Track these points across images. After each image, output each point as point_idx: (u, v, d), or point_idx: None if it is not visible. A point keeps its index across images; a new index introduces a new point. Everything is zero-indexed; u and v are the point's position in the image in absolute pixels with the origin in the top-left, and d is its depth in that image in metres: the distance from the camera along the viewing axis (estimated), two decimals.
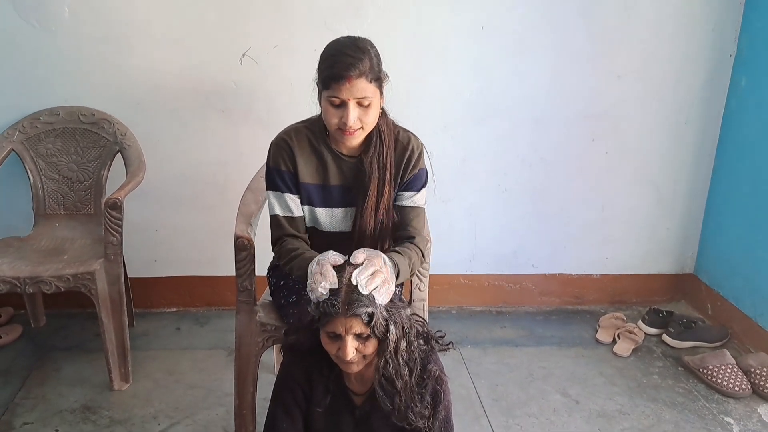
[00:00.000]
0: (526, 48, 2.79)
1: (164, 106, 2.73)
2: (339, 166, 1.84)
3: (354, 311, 1.42)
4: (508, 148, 2.93)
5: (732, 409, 2.46)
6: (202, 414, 2.35)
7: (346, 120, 1.67)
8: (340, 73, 1.62)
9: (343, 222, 1.88)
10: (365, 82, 1.65)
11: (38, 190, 2.67)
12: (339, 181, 1.84)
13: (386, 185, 1.81)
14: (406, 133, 1.87)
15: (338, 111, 1.68)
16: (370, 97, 1.67)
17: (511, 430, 2.32)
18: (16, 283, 2.28)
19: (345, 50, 1.65)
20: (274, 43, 2.67)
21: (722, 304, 2.98)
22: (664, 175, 3.05)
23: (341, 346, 1.46)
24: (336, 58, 1.65)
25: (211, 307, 3.07)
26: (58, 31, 2.60)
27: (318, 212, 1.87)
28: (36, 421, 2.28)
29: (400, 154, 1.83)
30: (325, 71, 1.66)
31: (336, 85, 1.64)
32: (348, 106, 1.66)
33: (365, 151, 1.80)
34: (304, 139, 1.83)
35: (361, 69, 1.63)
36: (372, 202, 1.81)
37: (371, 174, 1.79)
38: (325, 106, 1.71)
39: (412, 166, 1.84)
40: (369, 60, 1.65)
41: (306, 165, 1.83)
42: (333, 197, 1.86)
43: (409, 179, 1.85)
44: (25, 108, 2.65)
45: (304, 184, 1.83)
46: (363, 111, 1.69)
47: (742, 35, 2.84)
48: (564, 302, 3.21)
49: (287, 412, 1.60)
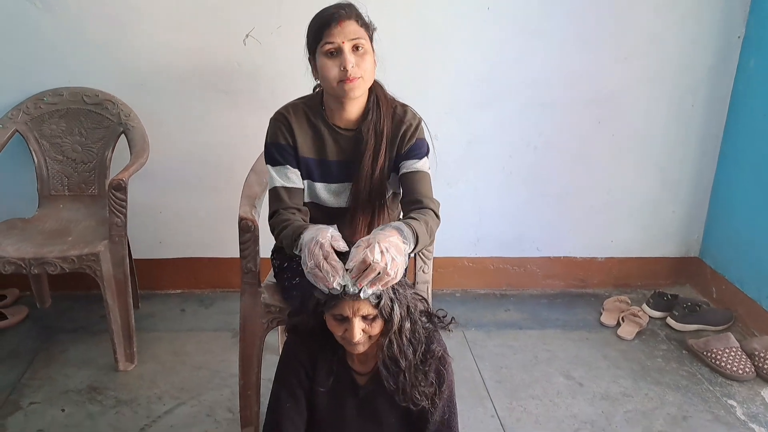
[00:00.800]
0: (532, 30, 2.77)
1: (168, 86, 2.72)
2: (336, 141, 1.85)
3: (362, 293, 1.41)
4: (513, 131, 2.92)
5: (735, 392, 2.46)
6: (207, 395, 2.36)
7: (345, 64, 1.69)
8: (330, 19, 1.70)
9: (342, 197, 1.88)
10: (356, 25, 1.71)
11: (42, 172, 2.67)
12: (337, 156, 1.85)
13: (381, 152, 1.81)
14: (404, 107, 1.88)
15: (336, 60, 1.71)
16: (362, 41, 1.72)
17: (514, 412, 2.33)
18: (21, 264, 2.29)
19: (329, 7, 1.74)
20: (277, 24, 2.65)
21: (727, 287, 2.97)
22: (670, 159, 3.03)
23: (348, 327, 1.46)
24: (322, 12, 1.73)
25: (216, 288, 3.08)
26: (62, 12, 2.59)
27: (317, 187, 1.87)
28: (43, 401, 2.30)
29: (397, 125, 1.83)
30: (315, 25, 1.74)
31: (328, 31, 1.70)
32: (344, 51, 1.69)
33: (363, 120, 1.82)
34: (301, 114, 1.85)
35: (348, 12, 1.71)
36: (367, 169, 1.81)
37: (367, 141, 1.80)
38: (322, 62, 1.73)
39: (409, 136, 1.84)
40: (354, 8, 1.74)
41: (304, 139, 1.84)
42: (331, 172, 1.86)
43: (409, 148, 1.84)
44: (29, 89, 2.65)
45: (303, 157, 1.84)
46: (359, 58, 1.71)
47: (750, 17, 2.81)
48: (568, 285, 3.21)
49: (291, 393, 1.61)
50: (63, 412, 2.25)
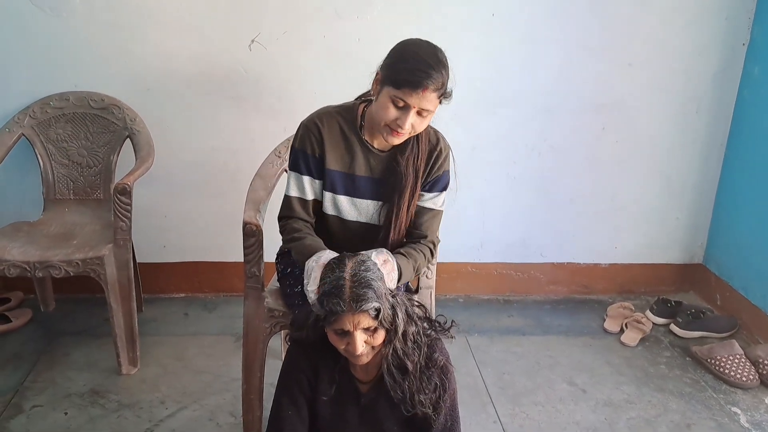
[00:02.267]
0: (537, 36, 2.77)
1: (174, 92, 2.73)
2: (367, 158, 1.83)
3: (361, 307, 1.42)
4: (517, 137, 2.92)
5: (739, 400, 2.45)
6: (210, 399, 2.36)
7: (403, 124, 1.66)
8: (419, 82, 1.60)
9: (367, 214, 1.87)
10: (435, 96, 1.64)
11: (48, 175, 2.68)
12: (365, 173, 1.84)
13: (417, 187, 1.83)
14: (436, 134, 1.87)
15: (398, 112, 1.66)
16: (431, 110, 1.67)
17: (517, 419, 2.32)
18: (26, 268, 2.30)
19: (428, 59, 1.63)
20: (283, 30, 2.66)
21: (731, 294, 2.97)
22: (675, 165, 3.03)
23: (350, 341, 1.46)
24: (418, 64, 1.62)
25: (219, 293, 3.08)
26: (69, 17, 2.60)
27: (340, 200, 1.85)
28: (45, 404, 2.30)
29: (429, 152, 1.83)
30: (402, 74, 1.62)
31: (409, 91, 1.61)
32: (410, 111, 1.64)
33: (401, 151, 1.80)
34: (335, 124, 1.82)
35: (437, 84, 1.62)
36: (406, 204, 1.81)
37: (407, 177, 1.79)
38: (384, 102, 1.67)
39: (438, 167, 1.84)
40: (444, 75, 1.64)
41: (333, 151, 1.81)
42: (357, 187, 1.85)
43: (433, 179, 1.85)
44: (35, 93, 2.66)
45: (329, 170, 1.82)
46: (419, 120, 1.68)
47: (755, 24, 2.82)
48: (572, 291, 3.21)
49: (293, 401, 1.61)
50: (65, 416, 2.25)
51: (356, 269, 1.46)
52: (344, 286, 1.43)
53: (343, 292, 1.42)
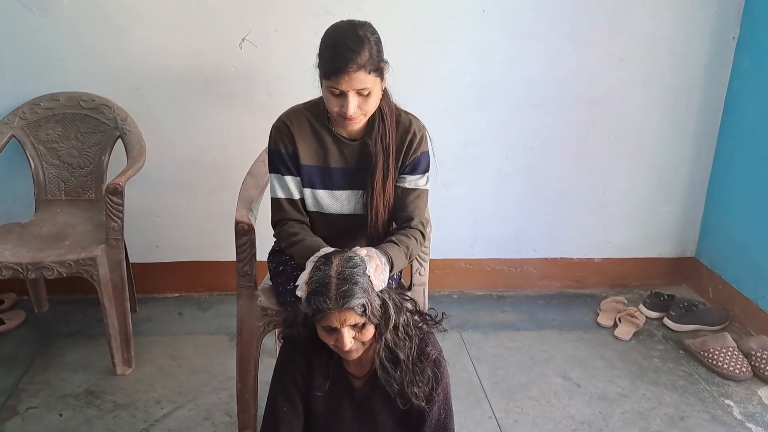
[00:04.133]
0: (527, 31, 2.78)
1: (165, 91, 2.73)
2: (340, 149, 1.85)
3: (347, 304, 1.42)
4: (509, 132, 2.93)
5: (732, 392, 2.47)
6: (205, 398, 2.37)
7: (347, 110, 1.68)
8: (341, 67, 1.62)
9: (347, 205, 1.89)
10: (364, 74, 1.64)
11: (39, 176, 2.67)
12: (340, 164, 1.85)
13: (390, 166, 1.82)
14: (408, 116, 1.87)
15: (338, 100, 1.69)
16: (369, 87, 1.67)
17: (511, 413, 2.33)
18: (18, 269, 2.29)
19: (345, 41, 1.64)
20: (273, 28, 2.65)
21: (723, 287, 2.98)
22: (666, 159, 3.04)
23: (338, 337, 1.47)
24: (336, 50, 1.64)
25: (213, 292, 3.08)
26: (58, 16, 2.59)
27: (319, 194, 1.87)
28: (40, 406, 2.30)
29: (401, 136, 1.84)
30: (325, 64, 1.66)
31: (335, 78, 1.64)
32: (348, 96, 1.67)
33: (368, 133, 1.81)
34: (304, 121, 1.84)
35: (359, 63, 1.62)
36: (380, 184, 1.82)
37: (377, 156, 1.80)
38: (326, 94, 1.72)
39: (414, 148, 1.84)
40: (368, 51, 1.64)
41: (306, 147, 1.84)
42: (334, 180, 1.86)
43: (412, 162, 1.85)
44: (25, 94, 2.65)
45: (304, 165, 1.84)
46: (363, 99, 1.69)
47: (744, 17, 2.82)
48: (565, 286, 3.21)
49: (287, 398, 1.61)
50: (60, 417, 2.25)
51: (342, 266, 1.46)
52: (330, 284, 1.43)
53: (329, 290, 1.42)
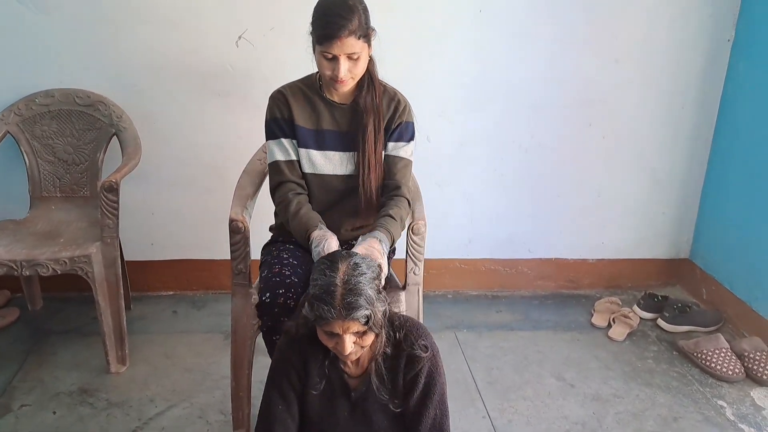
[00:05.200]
0: (524, 32, 2.78)
1: (161, 88, 2.72)
2: (332, 113, 1.97)
3: (351, 316, 1.41)
4: (505, 133, 2.93)
5: (725, 393, 2.47)
6: (199, 397, 2.36)
7: (338, 72, 1.81)
8: (333, 33, 1.75)
9: (340, 165, 1.99)
10: (354, 39, 1.78)
11: (34, 173, 2.66)
12: (332, 127, 1.97)
13: (380, 126, 1.95)
14: (393, 88, 2.01)
15: (330, 63, 1.82)
16: (358, 52, 1.81)
17: (506, 413, 2.33)
18: (12, 266, 2.28)
19: (336, 9, 1.77)
20: (270, 26, 2.65)
21: (717, 288, 2.99)
22: (661, 160, 3.05)
23: (339, 342, 1.47)
24: (328, 18, 1.78)
25: (208, 290, 3.07)
26: (53, 13, 2.58)
27: (313, 155, 1.97)
28: (34, 404, 2.29)
29: (388, 102, 1.97)
30: (318, 30, 1.80)
31: (328, 43, 1.77)
32: (339, 60, 1.80)
33: (358, 96, 1.94)
34: (297, 90, 1.98)
35: (350, 29, 1.76)
36: (371, 142, 1.94)
37: (367, 113, 1.93)
38: (318, 59, 1.85)
39: (399, 114, 1.97)
40: (358, 18, 1.77)
41: (300, 110, 1.96)
42: (327, 141, 1.98)
43: (397, 128, 1.98)
44: (20, 90, 2.64)
45: (299, 126, 1.96)
46: (353, 63, 1.83)
47: (740, 20, 2.83)
48: (559, 286, 3.22)
49: (282, 396, 1.61)
50: (54, 415, 2.24)
51: (349, 274, 1.45)
52: (335, 293, 1.41)
53: (334, 299, 1.41)
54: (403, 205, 1.95)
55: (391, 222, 1.88)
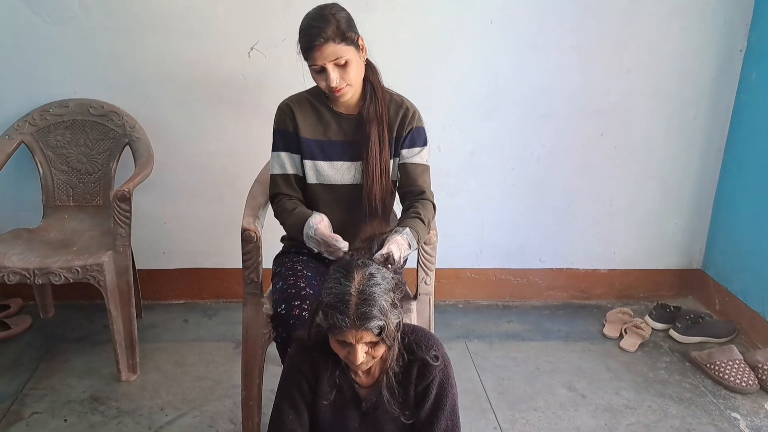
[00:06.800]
0: (535, 42, 2.78)
1: (173, 98, 2.74)
2: (339, 123, 1.98)
3: (365, 326, 1.40)
4: (515, 143, 2.93)
5: (739, 405, 2.45)
6: (210, 405, 2.36)
7: (330, 81, 1.82)
8: (310, 44, 1.79)
9: (347, 175, 1.99)
10: (333, 45, 1.79)
11: (48, 182, 2.68)
12: (339, 137, 1.98)
13: (385, 135, 1.94)
14: (400, 96, 2.01)
15: (321, 75, 1.84)
16: (343, 57, 1.81)
17: (517, 424, 2.32)
18: (25, 274, 2.30)
19: (312, 21, 1.81)
20: (282, 37, 2.66)
21: (730, 299, 2.97)
22: (673, 170, 3.04)
23: (351, 351, 1.46)
24: (305, 32, 1.81)
25: (219, 299, 3.08)
26: (67, 24, 2.61)
27: (321, 166, 1.98)
28: (45, 411, 2.30)
29: (395, 110, 1.97)
30: (301, 44, 1.83)
31: (310, 55, 1.81)
32: (327, 69, 1.81)
33: (363, 105, 1.95)
34: (305, 101, 2.00)
35: (325, 36, 1.78)
36: (375, 151, 1.93)
37: (370, 123, 1.93)
38: (312, 74, 1.87)
39: (408, 120, 1.97)
40: (334, 25, 1.79)
41: (306, 122, 1.97)
42: (334, 151, 1.98)
43: (408, 135, 1.97)
44: (35, 100, 2.67)
45: (304, 138, 1.97)
46: (342, 70, 1.83)
47: (752, 30, 2.83)
48: (571, 297, 3.21)
49: (293, 405, 1.61)
50: (65, 423, 2.25)
51: (364, 284, 1.43)
52: (350, 302, 1.40)
53: (348, 308, 1.40)
54: (429, 208, 1.94)
55: (420, 225, 1.86)
